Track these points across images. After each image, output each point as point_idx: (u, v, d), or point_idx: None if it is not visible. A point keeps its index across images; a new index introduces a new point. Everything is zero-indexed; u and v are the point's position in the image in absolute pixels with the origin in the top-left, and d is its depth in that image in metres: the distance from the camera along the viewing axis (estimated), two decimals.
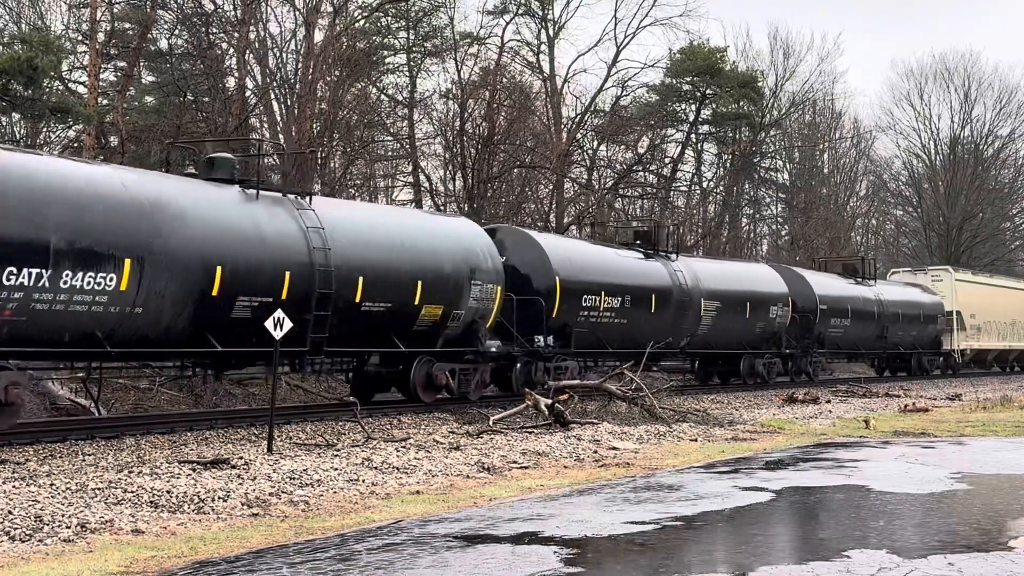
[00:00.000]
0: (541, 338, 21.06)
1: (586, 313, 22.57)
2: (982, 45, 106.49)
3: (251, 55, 32.43)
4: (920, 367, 39.00)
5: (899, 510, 9.32)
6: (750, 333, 28.87)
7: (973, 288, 42.85)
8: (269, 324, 13.02)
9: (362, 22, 36.41)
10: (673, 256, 26.64)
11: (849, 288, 34.97)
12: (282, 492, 9.74)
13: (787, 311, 29.91)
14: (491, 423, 15.77)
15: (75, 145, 30.04)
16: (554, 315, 21.55)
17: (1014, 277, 53.99)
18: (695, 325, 26.49)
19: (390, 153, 40.68)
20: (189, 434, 14.35)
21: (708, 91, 49.27)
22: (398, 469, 11.35)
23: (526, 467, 11.99)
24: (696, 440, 15.08)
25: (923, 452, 13.67)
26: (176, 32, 33.19)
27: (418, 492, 10.10)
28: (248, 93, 32.34)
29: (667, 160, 50.94)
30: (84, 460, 11.87)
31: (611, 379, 19.38)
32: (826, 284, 33.62)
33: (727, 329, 27.89)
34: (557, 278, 21.66)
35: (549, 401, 16.48)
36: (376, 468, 11.32)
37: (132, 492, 9.23)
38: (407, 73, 40.31)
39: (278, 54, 35.09)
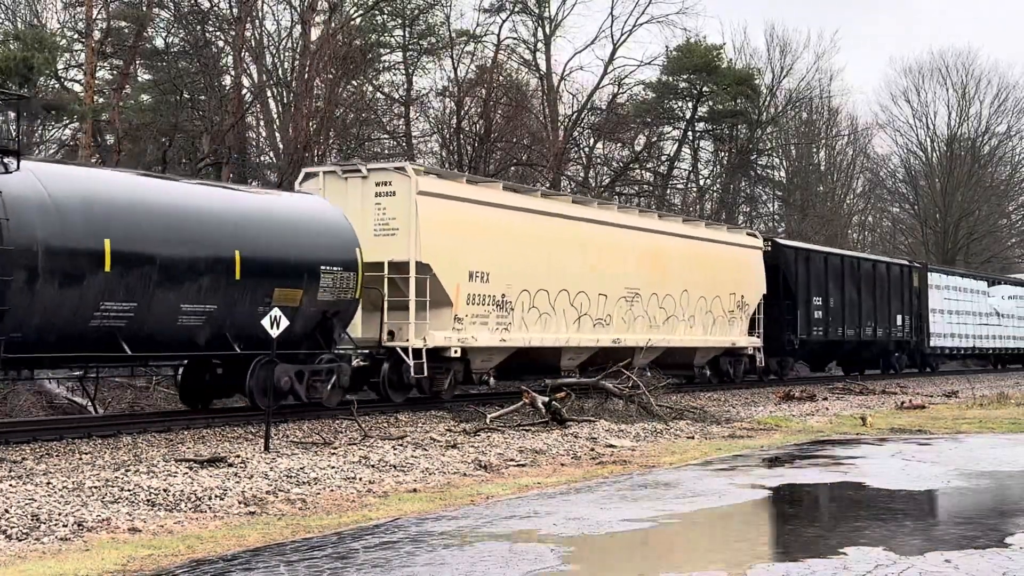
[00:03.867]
0: None
1: None
2: (980, 42, 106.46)
3: (247, 53, 32.39)
4: (262, 390, 14.85)
5: (896, 507, 9.32)
6: None
7: (498, 218, 19.58)
8: (266, 322, 13.00)
9: (358, 20, 36.40)
10: None
11: None
12: (279, 490, 9.73)
13: None
14: (488, 421, 15.77)
15: (71, 144, 30.03)
16: None
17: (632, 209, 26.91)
18: None
19: (386, 151, 40.67)
20: (186, 432, 14.33)
21: (705, 88, 49.27)
22: (395, 467, 11.35)
23: (523, 465, 12.00)
24: (693, 438, 15.09)
25: (920, 449, 13.68)
26: (172, 30, 33.18)
27: (415, 490, 10.10)
28: (244, 91, 32.32)
29: (664, 158, 50.95)
30: (81, 459, 11.86)
31: (608, 377, 19.39)
32: None
33: None
34: None
35: (546, 399, 16.49)
36: (373, 466, 11.32)
37: (129, 491, 9.22)
38: (403, 71, 40.33)
39: (274, 52, 35.07)
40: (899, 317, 35.28)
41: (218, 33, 32.81)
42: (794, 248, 30.71)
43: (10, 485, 9.30)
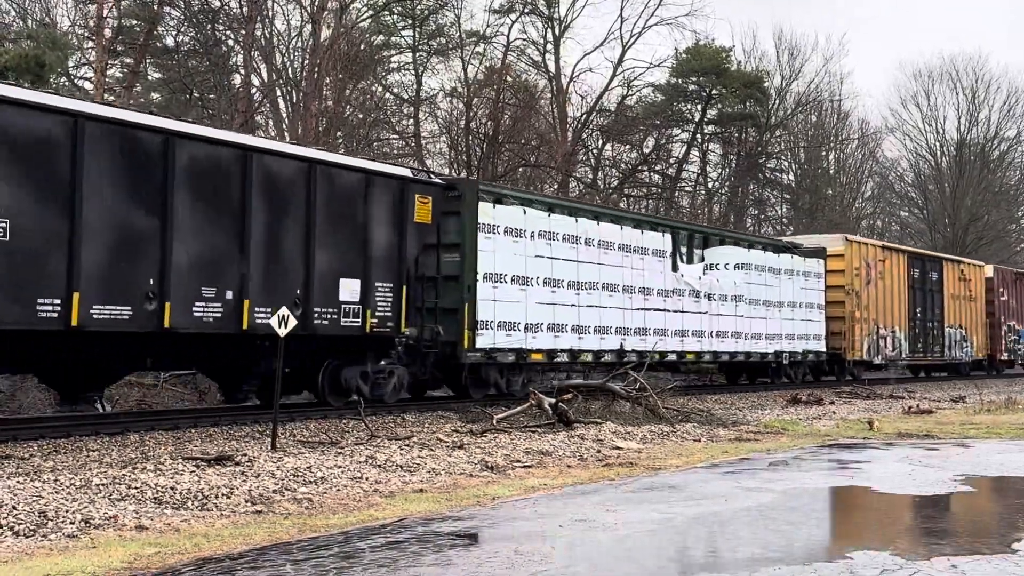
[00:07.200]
0: None
1: None
2: (991, 47, 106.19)
3: (257, 52, 32.45)
4: None
5: (902, 512, 9.31)
6: None
7: None
8: (274, 322, 13.00)
9: (368, 20, 36.46)
10: None
11: None
12: (286, 489, 9.75)
13: None
14: (495, 422, 15.77)
15: None
16: None
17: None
18: None
19: (395, 151, 40.73)
20: (193, 431, 14.37)
21: (714, 91, 49.29)
22: (402, 467, 11.36)
23: (529, 466, 12.00)
24: (700, 440, 15.08)
25: (927, 454, 13.66)
26: (183, 29, 33.28)
27: (422, 490, 10.11)
28: (254, 90, 32.40)
29: (672, 160, 50.96)
30: (88, 456, 11.89)
31: (615, 379, 19.37)
32: None
33: None
34: None
35: (553, 400, 16.48)
36: (380, 466, 11.33)
37: (136, 488, 9.24)
38: (413, 71, 40.40)
39: (284, 51, 35.14)
40: (350, 285, 16.01)
41: (228, 32, 32.90)
42: None
43: (18, 482, 9.32)
